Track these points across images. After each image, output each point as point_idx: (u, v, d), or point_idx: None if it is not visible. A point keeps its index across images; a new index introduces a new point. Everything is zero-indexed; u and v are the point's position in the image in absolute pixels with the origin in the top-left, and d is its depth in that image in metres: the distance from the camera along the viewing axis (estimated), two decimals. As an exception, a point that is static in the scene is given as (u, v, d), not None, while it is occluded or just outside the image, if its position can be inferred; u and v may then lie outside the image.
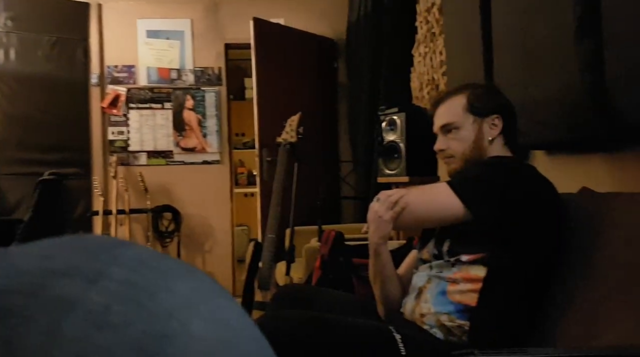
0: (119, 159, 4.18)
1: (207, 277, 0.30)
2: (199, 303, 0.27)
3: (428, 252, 1.36)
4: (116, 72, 4.25)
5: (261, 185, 3.75)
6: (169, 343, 0.24)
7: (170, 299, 0.26)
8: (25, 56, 3.96)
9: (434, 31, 2.82)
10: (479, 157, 1.32)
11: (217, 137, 4.36)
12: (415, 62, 3.10)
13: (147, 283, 0.26)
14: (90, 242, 0.29)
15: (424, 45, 2.95)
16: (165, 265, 0.28)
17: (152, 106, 4.30)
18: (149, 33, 4.27)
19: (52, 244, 0.28)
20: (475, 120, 1.32)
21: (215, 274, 4.33)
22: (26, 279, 0.24)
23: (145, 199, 4.14)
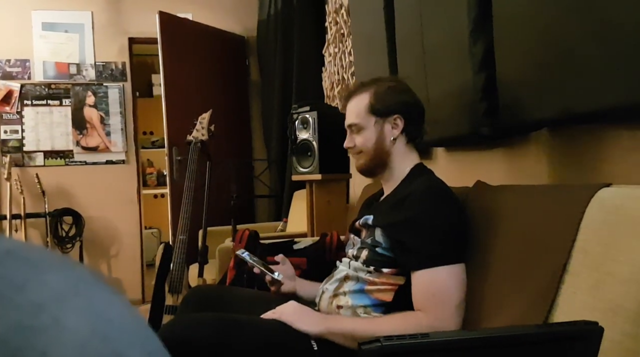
0: (13, 159, 3.86)
1: (84, 268, 0.29)
2: (72, 295, 0.26)
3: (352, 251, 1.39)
4: (8, 67, 3.91)
5: (171, 185, 3.63)
6: (39, 336, 0.23)
7: (41, 292, 0.24)
8: None
9: (343, 32, 2.88)
10: (383, 155, 1.37)
11: (122, 136, 4.15)
12: (326, 62, 3.15)
13: (14, 275, 0.24)
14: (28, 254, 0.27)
15: (334, 46, 3.00)
16: (36, 256, 0.27)
17: (50, 103, 4.00)
18: (44, 25, 3.96)
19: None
20: (377, 121, 1.35)
21: (123, 280, 4.13)
22: None
23: (42, 202, 3.85)
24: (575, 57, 1.04)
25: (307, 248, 2.28)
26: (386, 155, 1.37)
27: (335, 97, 3.02)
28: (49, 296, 0.25)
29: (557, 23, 1.09)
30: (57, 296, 0.25)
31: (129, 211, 4.17)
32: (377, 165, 1.39)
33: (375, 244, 1.28)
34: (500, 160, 1.59)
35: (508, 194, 1.23)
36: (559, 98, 1.11)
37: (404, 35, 1.90)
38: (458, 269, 1.17)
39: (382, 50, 2.04)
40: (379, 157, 1.37)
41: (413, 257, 1.20)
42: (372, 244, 1.29)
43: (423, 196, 1.24)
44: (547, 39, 1.13)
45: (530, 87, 1.21)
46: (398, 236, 1.23)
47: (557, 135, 1.32)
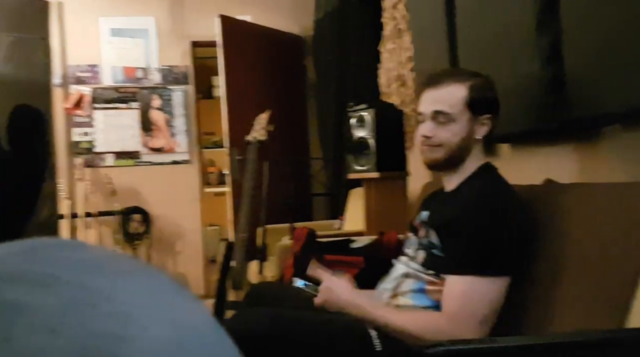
0: (85, 160, 4.08)
1: (164, 275, 0.30)
2: (156, 303, 0.26)
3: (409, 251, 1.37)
4: (79, 72, 4.14)
5: (232, 184, 3.72)
6: (127, 346, 0.24)
7: (127, 301, 0.25)
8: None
9: (400, 27, 2.84)
10: (463, 152, 1.29)
11: (185, 137, 4.30)
12: (383, 59, 3.12)
13: (102, 285, 0.25)
14: (40, 244, 0.28)
15: (391, 42, 2.97)
16: (120, 265, 0.28)
17: (118, 106, 4.21)
18: (112, 31, 4.17)
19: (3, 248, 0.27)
20: (471, 117, 1.26)
21: (187, 275, 4.28)
22: None
23: (113, 201, 4.05)
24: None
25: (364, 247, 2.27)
26: (465, 154, 1.29)
27: (391, 94, 2.99)
28: (135, 305, 0.26)
29: (631, 13, 1.02)
30: (142, 305, 0.26)
31: (192, 209, 4.31)
32: (451, 162, 1.30)
33: (432, 246, 1.25)
34: (570, 157, 1.52)
35: (580, 192, 1.17)
36: (633, 92, 1.04)
37: (465, 29, 1.85)
38: (495, 283, 1.12)
39: (443, 44, 2.00)
40: (458, 155, 1.28)
41: (449, 261, 1.17)
42: (429, 245, 1.26)
43: (477, 202, 1.20)
44: (621, 30, 1.06)
45: (601, 81, 1.15)
46: (443, 236, 1.21)
47: (631, 130, 1.24)
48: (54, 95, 4.06)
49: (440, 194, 1.40)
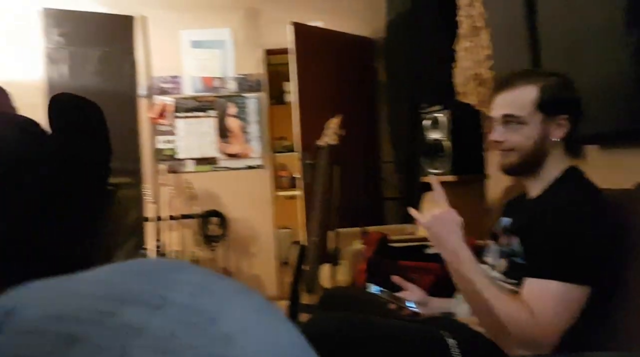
0: (168, 167, 4.31)
1: (260, 297, 0.30)
2: (255, 326, 0.27)
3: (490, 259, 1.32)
4: (163, 83, 4.38)
5: (303, 188, 3.77)
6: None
7: (229, 323, 0.26)
8: (76, 71, 4.13)
9: (476, 25, 2.76)
10: (539, 156, 1.24)
11: (259, 142, 4.42)
12: (458, 58, 3.03)
13: (207, 308, 0.26)
14: (149, 266, 0.30)
15: (467, 40, 2.89)
16: (221, 288, 0.29)
17: (198, 114, 4.40)
18: (192, 43, 4.38)
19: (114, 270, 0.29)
20: (543, 119, 1.21)
21: (261, 277, 4.39)
22: (91, 306, 0.25)
23: (193, 204, 4.24)
24: None
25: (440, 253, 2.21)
26: (542, 157, 1.23)
27: (468, 93, 2.90)
28: (236, 327, 0.27)
29: None
30: (243, 327, 0.27)
31: (265, 212, 4.42)
32: (527, 166, 1.25)
33: (514, 254, 1.20)
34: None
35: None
36: None
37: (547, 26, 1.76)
38: (577, 291, 1.07)
39: (523, 41, 1.91)
40: (533, 158, 1.23)
41: (531, 265, 1.13)
42: (510, 253, 1.21)
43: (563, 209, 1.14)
44: None
45: None
46: (527, 244, 1.16)
47: None
48: (140, 106, 4.33)
49: (523, 200, 1.34)
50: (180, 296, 0.27)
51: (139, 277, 0.29)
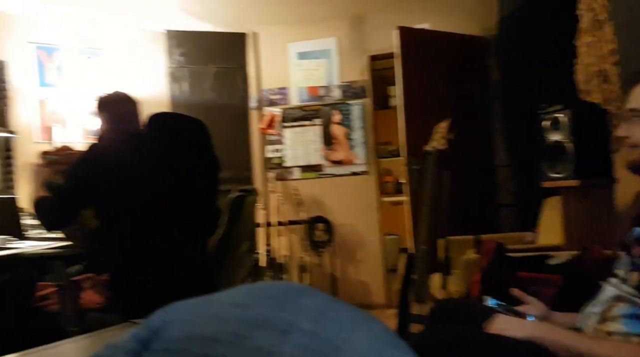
0: (277, 174, 4.47)
1: (380, 324, 0.30)
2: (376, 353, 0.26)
3: (622, 270, 1.20)
4: (271, 95, 4.56)
5: (410, 194, 3.70)
6: None
7: (352, 351, 0.26)
8: (194, 87, 4.45)
9: (599, 18, 2.53)
10: None
11: (363, 149, 4.42)
12: (580, 53, 2.80)
13: (330, 335, 0.26)
14: (276, 290, 0.31)
15: (589, 34, 2.66)
16: (343, 315, 0.29)
17: (303, 123, 4.52)
18: (299, 55, 4.51)
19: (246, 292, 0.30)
20: None
21: (368, 284, 4.37)
22: (227, 328, 0.26)
23: (300, 210, 4.35)
24: None
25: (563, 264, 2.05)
26: None
27: (592, 91, 2.66)
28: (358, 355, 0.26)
29: None
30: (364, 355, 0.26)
31: (371, 218, 4.40)
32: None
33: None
34: None
35: None
36: None
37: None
38: None
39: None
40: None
41: None
42: None
43: None
44: None
45: None
46: None
47: None
48: (251, 117, 4.56)
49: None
50: (305, 322, 0.28)
51: (268, 302, 0.30)
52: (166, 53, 4.37)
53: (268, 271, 4.14)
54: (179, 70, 4.41)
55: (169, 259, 1.95)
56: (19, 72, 3.79)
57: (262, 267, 4.12)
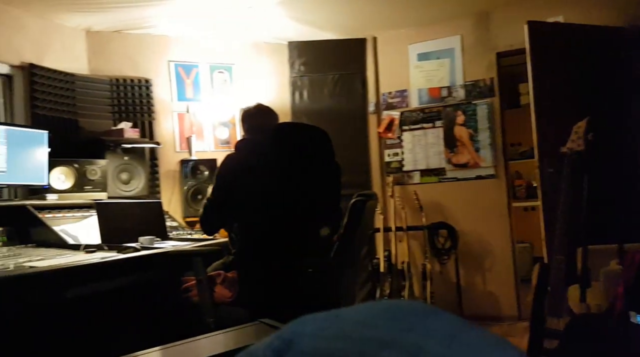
0: (395, 178, 4.43)
1: (516, 350, 0.27)
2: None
3: None
4: (390, 98, 4.54)
5: (543, 199, 3.44)
6: None
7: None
8: (314, 94, 4.58)
9: None
10: None
11: (490, 151, 4.21)
12: None
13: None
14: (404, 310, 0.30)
15: None
16: (474, 339, 0.27)
17: (424, 126, 4.43)
18: (419, 56, 4.44)
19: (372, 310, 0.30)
20: None
21: (497, 295, 4.14)
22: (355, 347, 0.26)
23: (420, 216, 4.26)
24: None
25: None
26: None
27: None
28: None
29: None
30: None
31: (500, 224, 4.17)
32: None
33: None
34: None
35: None
36: None
37: None
38: None
39: None
40: None
41: None
42: None
43: None
44: None
45: None
46: None
47: None
48: (369, 122, 4.57)
49: None
50: (435, 346, 0.27)
51: (396, 322, 0.30)
52: (288, 63, 4.57)
53: (387, 277, 4.11)
54: (299, 79, 4.58)
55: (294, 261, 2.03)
56: (161, 88, 4.21)
57: (382, 272, 4.11)
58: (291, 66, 4.57)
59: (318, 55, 4.57)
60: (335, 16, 4.08)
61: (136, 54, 4.14)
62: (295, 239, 2.07)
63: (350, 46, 4.59)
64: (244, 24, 4.08)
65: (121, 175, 3.60)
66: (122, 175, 3.61)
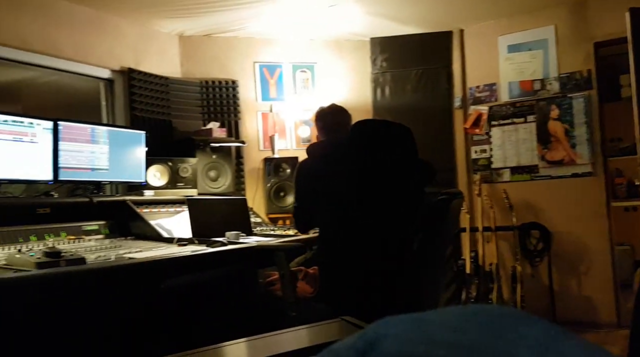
0: (483, 176, 4.25)
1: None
2: None
3: None
4: (478, 93, 4.37)
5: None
6: None
7: None
8: (396, 90, 4.52)
9: None
10: None
11: (587, 147, 3.92)
12: None
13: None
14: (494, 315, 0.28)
15: None
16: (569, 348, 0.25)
17: (514, 121, 4.21)
18: (510, 48, 4.23)
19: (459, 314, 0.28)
20: None
21: (594, 300, 3.86)
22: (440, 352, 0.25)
23: (510, 216, 4.06)
24: None
25: None
26: None
27: None
28: None
29: None
30: None
31: (598, 225, 3.87)
32: None
33: None
34: None
35: None
36: None
37: None
38: None
39: None
40: None
41: None
42: None
43: None
44: None
45: None
46: None
47: None
48: (455, 117, 4.43)
49: None
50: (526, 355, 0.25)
51: (484, 328, 0.28)
52: (370, 60, 4.54)
53: (474, 279, 3.96)
54: (381, 76, 4.54)
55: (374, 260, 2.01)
56: (247, 89, 4.35)
57: (468, 274, 3.97)
58: (373, 62, 4.54)
59: (401, 50, 4.50)
60: (419, 10, 3.99)
61: (224, 56, 4.31)
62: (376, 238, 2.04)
63: (435, 40, 4.47)
64: (325, 23, 4.11)
65: (209, 172, 3.77)
66: (211, 172, 3.77)
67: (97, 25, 3.60)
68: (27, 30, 3.17)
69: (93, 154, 2.81)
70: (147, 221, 2.57)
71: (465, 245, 4.16)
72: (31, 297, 1.50)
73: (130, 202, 2.71)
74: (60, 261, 1.63)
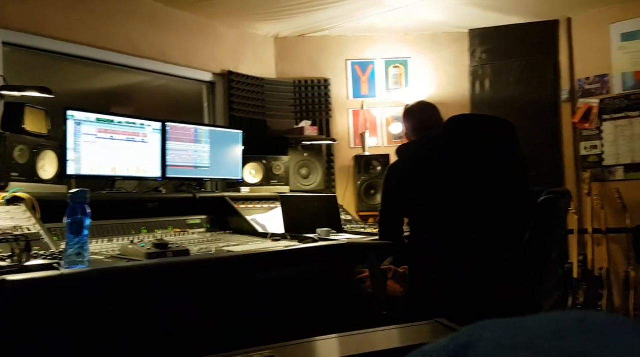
0: (593, 174, 3.93)
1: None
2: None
3: None
4: (587, 85, 4.04)
5: None
6: None
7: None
8: (497, 83, 4.30)
9: None
10: None
11: None
12: None
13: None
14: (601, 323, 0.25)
15: None
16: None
17: (629, 115, 3.84)
18: (623, 36, 3.86)
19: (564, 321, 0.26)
20: None
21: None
22: None
23: (623, 217, 3.71)
24: None
25: None
26: None
27: None
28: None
29: None
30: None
31: None
32: None
33: None
34: None
35: None
36: None
37: None
38: None
39: None
40: None
41: None
42: None
43: None
44: None
45: None
46: None
47: None
48: (562, 111, 4.12)
49: None
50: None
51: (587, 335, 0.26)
52: (469, 52, 4.37)
53: (582, 285, 3.68)
54: (480, 68, 4.34)
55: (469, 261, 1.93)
56: (338, 87, 4.38)
57: (575, 279, 3.69)
58: (472, 55, 4.37)
59: (502, 41, 4.28)
60: None
61: (316, 55, 4.37)
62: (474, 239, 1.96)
63: (540, 30, 4.20)
64: (420, 16, 4.02)
65: (301, 170, 3.84)
66: (302, 170, 3.85)
67: (200, 31, 3.82)
68: (138, 37, 3.43)
69: (196, 153, 2.99)
70: (243, 217, 2.69)
71: (573, 248, 3.88)
72: (141, 284, 1.62)
73: (228, 198, 2.85)
74: (168, 252, 1.75)
